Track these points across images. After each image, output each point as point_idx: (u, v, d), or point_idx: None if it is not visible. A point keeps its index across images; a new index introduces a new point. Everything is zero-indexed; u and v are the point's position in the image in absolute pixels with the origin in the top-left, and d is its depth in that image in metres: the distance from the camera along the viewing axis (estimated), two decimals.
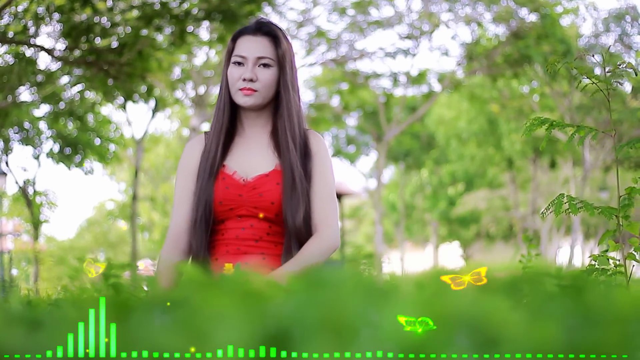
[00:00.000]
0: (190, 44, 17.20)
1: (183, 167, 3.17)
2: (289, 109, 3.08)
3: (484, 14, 23.18)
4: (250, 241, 3.00)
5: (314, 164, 3.08)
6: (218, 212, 3.02)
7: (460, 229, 44.64)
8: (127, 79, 15.97)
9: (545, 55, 22.31)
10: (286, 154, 3.04)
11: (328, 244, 2.98)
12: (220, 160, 3.07)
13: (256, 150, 3.12)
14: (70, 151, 22.05)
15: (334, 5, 22.77)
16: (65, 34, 14.93)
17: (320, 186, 3.06)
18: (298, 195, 2.99)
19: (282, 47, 3.08)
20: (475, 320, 1.05)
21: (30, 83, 18.05)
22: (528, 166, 38.93)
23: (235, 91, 3.07)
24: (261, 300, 1.06)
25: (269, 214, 3.00)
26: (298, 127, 3.10)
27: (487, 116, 34.54)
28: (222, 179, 3.05)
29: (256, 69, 3.05)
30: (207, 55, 21.78)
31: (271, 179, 3.03)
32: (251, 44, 3.08)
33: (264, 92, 3.06)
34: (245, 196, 3.02)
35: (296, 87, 3.13)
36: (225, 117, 3.13)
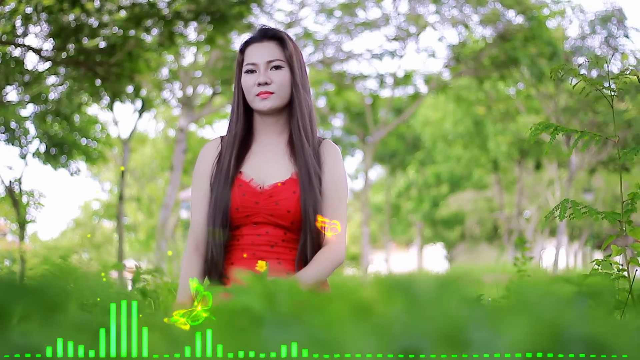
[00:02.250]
0: (178, 45, 17.19)
1: (199, 172, 3.21)
2: (301, 108, 3.13)
3: (471, 16, 23.23)
4: (266, 247, 3.05)
5: (325, 173, 3.12)
6: (234, 218, 3.07)
7: (444, 231, 44.74)
8: (116, 79, 15.94)
9: (532, 57, 22.39)
10: (300, 152, 3.09)
11: (337, 258, 3.04)
12: (235, 167, 3.11)
13: (272, 158, 3.15)
14: (56, 151, 21.99)
15: (321, 7, 22.77)
16: (54, 35, 14.90)
17: (331, 197, 3.11)
18: (315, 193, 3.05)
19: (288, 49, 3.15)
20: (588, 333, 1.06)
21: (18, 83, 18.00)
22: (513, 168, 39.06)
23: (253, 98, 3.12)
24: (379, 312, 1.07)
25: (285, 222, 3.05)
26: (310, 126, 3.15)
27: (473, 118, 34.65)
28: (239, 186, 3.09)
29: (269, 72, 3.11)
30: (195, 56, 21.75)
31: (288, 187, 3.07)
32: (259, 50, 3.15)
33: (280, 93, 3.11)
34: (261, 204, 3.06)
35: (307, 87, 3.18)
36: (240, 126, 3.18)
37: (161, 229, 20.47)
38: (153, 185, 39.06)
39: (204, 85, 21.96)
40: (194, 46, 19.87)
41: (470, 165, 39.80)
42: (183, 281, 3.06)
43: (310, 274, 2.96)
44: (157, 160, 38.25)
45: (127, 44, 15.08)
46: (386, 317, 1.06)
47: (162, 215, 20.71)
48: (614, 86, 3.91)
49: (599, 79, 4.08)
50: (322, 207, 3.07)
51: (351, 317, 1.04)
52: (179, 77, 21.35)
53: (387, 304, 1.10)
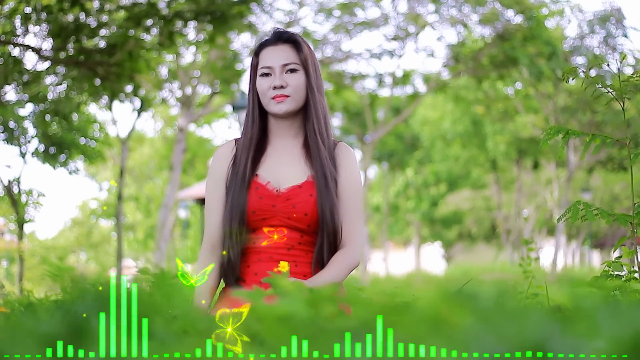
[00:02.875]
0: (178, 44, 17.18)
1: (214, 174, 3.21)
2: (316, 111, 3.13)
3: (470, 15, 23.23)
4: (283, 249, 3.06)
5: (341, 176, 3.13)
6: (251, 221, 3.07)
7: (442, 230, 44.77)
8: (116, 79, 15.94)
9: (531, 57, 22.40)
10: (316, 155, 3.10)
11: (353, 261, 3.07)
12: (251, 170, 3.12)
13: (288, 160, 3.16)
14: (55, 150, 21.99)
15: (320, 6, 22.75)
16: (54, 34, 14.88)
17: (347, 200, 3.12)
18: (332, 196, 3.06)
19: (303, 51, 3.15)
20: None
21: (16, 82, 17.99)
22: (511, 167, 39.10)
23: (268, 101, 3.12)
24: (456, 324, 1.07)
25: (301, 225, 3.06)
26: (325, 129, 3.16)
27: (471, 117, 34.69)
28: (256, 189, 3.09)
29: (284, 76, 3.12)
30: (194, 55, 21.73)
31: (304, 190, 3.08)
32: (274, 53, 3.15)
33: (296, 96, 3.11)
34: (278, 207, 3.07)
35: (322, 90, 3.19)
36: (256, 129, 3.18)
37: (161, 229, 20.45)
38: (151, 184, 39.06)
39: (203, 84, 21.93)
40: (193, 45, 19.85)
41: (468, 165, 39.84)
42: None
43: (327, 276, 2.97)
44: (155, 159, 38.26)
45: (127, 43, 15.07)
46: (468, 328, 1.06)
47: (161, 215, 20.69)
48: (607, 86, 3.91)
49: (600, 78, 4.08)
50: (339, 210, 3.07)
51: (430, 328, 1.04)
52: (178, 77, 21.33)
53: (460, 314, 1.10)
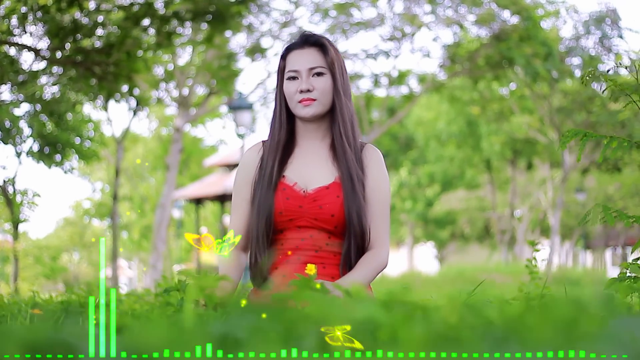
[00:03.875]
0: (176, 44, 17.16)
1: (241, 176, 3.24)
2: (343, 114, 3.14)
3: (467, 16, 23.25)
4: (310, 251, 3.07)
5: (368, 178, 3.14)
6: (278, 222, 3.08)
7: (436, 230, 44.78)
8: (113, 79, 15.91)
9: (527, 57, 22.43)
10: (342, 157, 3.11)
11: (381, 263, 3.08)
12: (279, 171, 3.13)
13: (315, 162, 3.17)
14: (50, 150, 21.95)
15: (317, 7, 22.75)
16: (51, 34, 14.84)
17: (375, 202, 3.13)
18: (359, 197, 3.06)
19: (330, 55, 3.16)
20: None
21: (12, 82, 17.94)
22: (506, 167, 39.15)
23: (295, 105, 3.13)
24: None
25: (329, 226, 3.06)
26: (352, 132, 3.16)
27: (466, 118, 34.71)
28: (283, 190, 3.10)
29: (311, 79, 3.12)
30: (191, 55, 21.71)
31: (331, 191, 3.08)
32: (301, 56, 3.17)
33: (322, 100, 3.12)
34: (305, 207, 3.07)
35: (348, 93, 3.19)
36: (283, 132, 3.19)
37: (157, 229, 20.41)
38: (146, 184, 39.02)
39: (200, 85, 21.90)
40: (191, 45, 19.82)
41: (463, 165, 39.89)
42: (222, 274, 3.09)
43: (355, 278, 2.97)
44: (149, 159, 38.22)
45: (126, 43, 15.04)
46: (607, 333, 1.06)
47: (158, 215, 20.65)
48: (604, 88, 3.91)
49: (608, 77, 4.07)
50: (366, 212, 3.08)
51: (568, 334, 1.04)
52: (174, 77, 21.30)
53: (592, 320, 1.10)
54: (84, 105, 21.51)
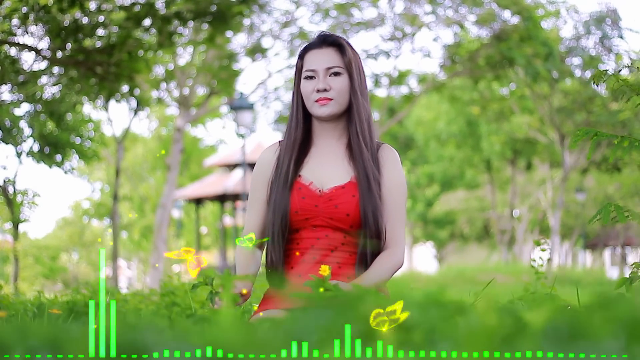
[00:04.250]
0: (177, 44, 17.15)
1: (257, 175, 3.25)
2: (359, 113, 3.15)
3: (467, 16, 23.26)
4: (326, 251, 3.07)
5: (385, 178, 3.14)
6: (293, 221, 3.09)
7: (435, 230, 44.80)
8: (115, 79, 15.90)
9: (528, 57, 22.44)
10: (359, 157, 3.11)
11: (397, 262, 3.09)
12: (295, 171, 3.14)
13: (331, 161, 3.17)
14: (50, 150, 21.94)
15: (317, 7, 22.74)
16: (53, 34, 14.83)
17: (391, 202, 3.14)
18: (375, 197, 3.07)
19: (347, 55, 3.17)
20: None
21: (12, 82, 17.92)
22: (506, 167, 39.14)
23: (312, 104, 3.14)
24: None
25: (344, 226, 3.06)
26: (369, 131, 3.17)
27: (466, 118, 34.71)
28: (298, 189, 3.11)
29: (328, 79, 3.13)
30: (192, 55, 21.69)
31: (347, 190, 3.09)
32: (319, 56, 3.17)
33: (339, 99, 3.13)
34: (321, 207, 3.08)
35: (365, 94, 3.19)
36: (299, 131, 3.20)
37: (158, 229, 20.40)
38: (146, 184, 38.99)
39: (200, 85, 21.88)
40: (192, 45, 19.82)
41: (463, 165, 39.89)
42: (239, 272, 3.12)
43: (372, 278, 2.98)
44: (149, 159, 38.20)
45: (127, 43, 15.03)
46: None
47: (158, 215, 20.64)
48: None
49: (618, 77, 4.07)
50: (382, 211, 3.08)
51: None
52: (175, 77, 21.29)
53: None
54: (84, 105, 21.50)
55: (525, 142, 33.69)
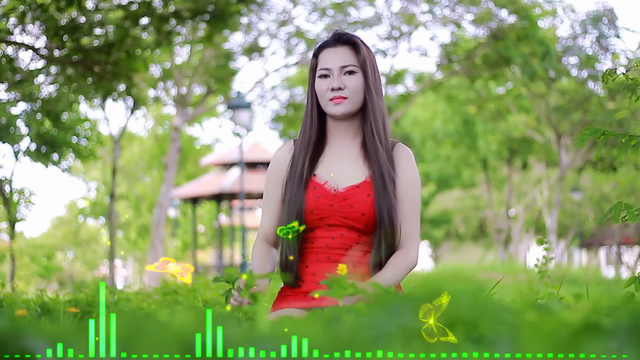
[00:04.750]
0: (175, 43, 17.13)
1: (272, 174, 3.25)
2: (374, 112, 3.14)
3: (464, 15, 23.27)
4: (341, 250, 3.06)
5: (399, 177, 3.14)
6: (308, 220, 3.08)
7: (431, 229, 44.82)
8: (113, 78, 15.87)
9: (525, 56, 22.46)
10: (374, 156, 3.11)
11: (411, 262, 3.09)
12: (309, 170, 3.13)
13: (346, 160, 3.17)
14: (47, 149, 21.91)
15: (314, 6, 22.75)
16: (50, 33, 14.80)
17: (406, 201, 3.14)
18: (390, 196, 3.07)
19: (362, 54, 3.16)
20: None
21: (9, 81, 17.88)
22: (502, 167, 39.16)
23: (326, 102, 3.14)
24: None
25: (359, 225, 3.06)
26: (383, 130, 3.16)
27: (462, 117, 34.72)
28: (313, 188, 3.11)
29: (342, 78, 3.13)
30: (189, 54, 21.68)
31: (362, 190, 3.08)
32: (333, 55, 3.17)
33: (353, 98, 3.12)
34: (336, 206, 3.07)
35: (380, 92, 3.19)
36: (314, 130, 3.20)
37: (156, 228, 20.38)
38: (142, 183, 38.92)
39: (197, 84, 21.87)
40: (190, 44, 19.80)
41: (459, 165, 39.91)
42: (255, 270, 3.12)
43: (387, 277, 2.98)
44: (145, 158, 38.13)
45: (125, 42, 15.00)
46: None
47: (156, 214, 20.62)
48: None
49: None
50: (397, 210, 3.08)
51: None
52: (172, 76, 21.27)
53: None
54: (80, 104, 21.47)
55: (521, 141, 33.73)
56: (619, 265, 40.29)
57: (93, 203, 41.72)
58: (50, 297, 6.71)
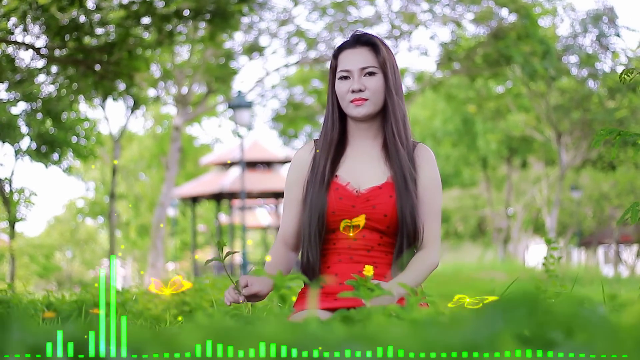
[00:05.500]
0: (176, 42, 17.12)
1: (293, 175, 3.23)
2: (395, 113, 3.14)
3: (464, 14, 23.27)
4: (362, 251, 3.06)
5: (421, 177, 3.13)
6: (330, 221, 3.07)
7: None
8: (114, 77, 15.87)
9: (525, 55, 22.46)
10: (395, 157, 3.10)
11: (433, 262, 3.11)
12: (331, 171, 3.12)
13: (368, 162, 3.16)
14: (47, 149, 21.91)
15: (314, 5, 22.74)
16: (52, 33, 14.78)
17: (427, 201, 3.13)
18: (412, 197, 3.06)
19: (382, 54, 3.14)
20: None
21: (9, 81, 17.87)
22: (501, 166, 39.18)
23: (347, 104, 3.12)
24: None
25: (381, 226, 3.05)
26: (404, 131, 3.16)
27: (462, 116, 34.74)
28: (335, 190, 3.10)
29: (362, 79, 3.11)
30: (190, 54, 21.68)
31: (384, 191, 3.07)
32: (353, 56, 3.15)
33: (374, 99, 3.11)
34: (358, 207, 3.06)
35: (400, 93, 3.18)
36: (335, 131, 3.19)
37: (156, 228, 20.38)
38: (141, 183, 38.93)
39: (198, 83, 21.87)
40: (191, 44, 19.80)
41: (459, 164, 39.93)
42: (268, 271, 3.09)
43: (409, 278, 2.96)
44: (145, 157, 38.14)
45: (126, 42, 15.00)
46: None
47: (157, 213, 20.62)
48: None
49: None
50: (419, 211, 3.08)
51: None
52: (173, 76, 21.26)
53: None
54: (80, 103, 21.46)
55: (521, 140, 33.75)
56: (618, 263, 40.31)
57: (92, 203, 41.74)
58: (57, 297, 6.71)
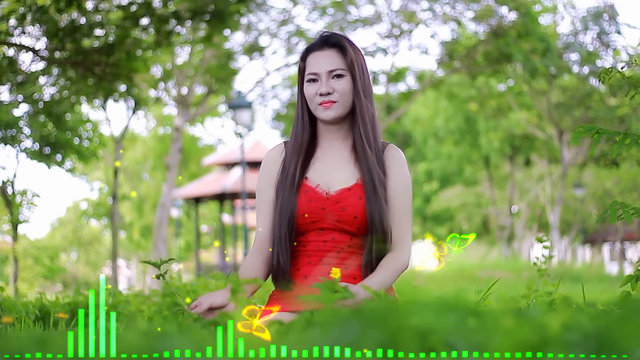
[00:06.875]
0: (174, 43, 17.13)
1: (264, 178, 3.22)
2: (363, 115, 3.12)
3: (464, 12, 23.24)
4: (332, 253, 3.05)
5: (390, 179, 3.12)
6: (300, 224, 3.07)
7: (434, 226, 44.86)
8: (113, 79, 15.88)
9: (526, 53, 22.44)
10: (363, 159, 3.09)
11: (403, 264, 3.09)
12: (301, 173, 3.12)
13: (338, 163, 3.15)
14: (50, 150, 21.94)
15: (314, 4, 22.73)
16: (50, 34, 14.80)
17: (397, 203, 3.12)
18: (380, 199, 3.05)
19: (349, 56, 3.12)
20: None
21: (11, 83, 17.90)
22: (504, 164, 39.16)
23: (315, 107, 3.12)
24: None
25: (351, 228, 3.05)
26: (373, 132, 3.15)
27: (464, 114, 34.74)
28: (305, 192, 3.09)
29: (330, 82, 3.10)
30: (190, 54, 21.68)
31: (354, 192, 3.07)
32: (320, 59, 3.13)
33: (342, 102, 3.10)
34: (328, 209, 3.06)
35: (368, 94, 3.16)
36: (306, 134, 3.18)
37: (158, 229, 20.38)
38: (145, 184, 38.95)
39: (198, 84, 21.87)
40: (190, 45, 19.80)
41: (461, 162, 39.93)
42: None
43: (378, 280, 2.96)
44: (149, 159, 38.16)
45: (125, 43, 15.01)
46: None
47: (158, 214, 20.63)
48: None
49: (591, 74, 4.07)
50: (387, 213, 3.07)
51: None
52: (173, 76, 21.27)
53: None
54: (82, 105, 21.49)
55: (523, 139, 33.75)
56: (623, 261, 40.24)
57: (96, 204, 41.75)
58: (50, 299, 6.70)
